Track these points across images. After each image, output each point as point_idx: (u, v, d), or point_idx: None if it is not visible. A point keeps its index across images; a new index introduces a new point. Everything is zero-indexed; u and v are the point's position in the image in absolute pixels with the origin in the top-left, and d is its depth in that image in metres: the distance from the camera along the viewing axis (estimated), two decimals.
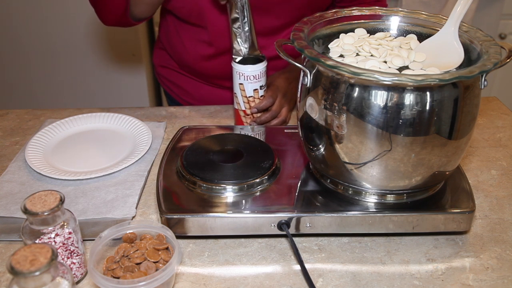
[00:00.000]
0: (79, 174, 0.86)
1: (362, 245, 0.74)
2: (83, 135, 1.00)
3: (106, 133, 1.01)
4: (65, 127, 1.01)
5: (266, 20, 1.06)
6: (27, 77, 2.21)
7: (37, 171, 0.86)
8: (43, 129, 0.99)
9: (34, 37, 2.11)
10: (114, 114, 1.04)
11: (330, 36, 0.78)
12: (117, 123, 1.03)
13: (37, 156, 0.91)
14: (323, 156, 0.72)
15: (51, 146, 0.96)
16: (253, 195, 0.76)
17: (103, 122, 1.03)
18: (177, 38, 1.15)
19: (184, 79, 1.22)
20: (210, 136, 0.89)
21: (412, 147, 0.66)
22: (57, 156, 0.93)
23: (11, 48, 2.14)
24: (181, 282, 0.68)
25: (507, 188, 0.86)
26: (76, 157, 0.93)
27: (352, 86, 0.65)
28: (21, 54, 2.16)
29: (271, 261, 0.71)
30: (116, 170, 0.87)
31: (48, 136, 0.98)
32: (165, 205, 0.73)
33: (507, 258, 0.71)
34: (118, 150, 0.95)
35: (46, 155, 0.93)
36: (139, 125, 1.00)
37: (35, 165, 0.88)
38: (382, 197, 0.73)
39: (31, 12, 2.07)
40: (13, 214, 0.77)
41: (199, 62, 1.14)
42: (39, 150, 0.93)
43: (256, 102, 0.97)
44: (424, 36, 0.77)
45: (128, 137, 0.99)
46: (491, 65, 0.63)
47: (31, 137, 0.97)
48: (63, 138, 0.99)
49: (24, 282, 0.51)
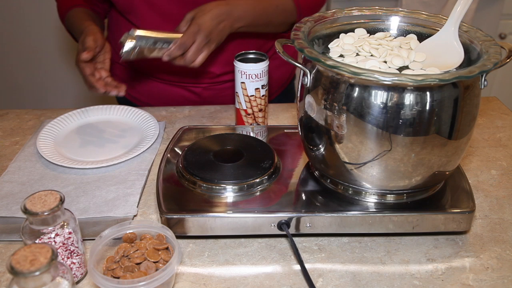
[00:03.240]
0: (86, 164, 0.89)
1: (362, 245, 0.74)
2: (94, 125, 1.03)
3: (115, 124, 1.04)
4: (76, 118, 1.04)
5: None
6: (28, 77, 2.21)
7: (48, 159, 0.89)
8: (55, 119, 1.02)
9: (34, 37, 2.11)
10: (125, 106, 1.07)
11: (330, 36, 0.78)
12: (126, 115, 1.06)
13: (48, 145, 0.95)
14: (323, 156, 0.72)
15: (61, 136, 0.99)
16: (253, 195, 0.76)
17: (114, 114, 1.07)
18: (116, 28, 1.15)
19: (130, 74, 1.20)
20: (210, 136, 0.89)
21: (412, 147, 0.66)
22: (66, 146, 0.96)
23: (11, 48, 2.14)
24: (181, 282, 0.68)
25: (507, 188, 0.86)
26: (85, 147, 0.96)
27: (352, 86, 0.65)
28: (21, 54, 2.16)
29: (271, 261, 0.71)
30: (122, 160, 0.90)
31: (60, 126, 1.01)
32: (165, 205, 0.73)
33: (507, 258, 0.71)
34: (126, 140, 0.98)
35: (56, 144, 0.96)
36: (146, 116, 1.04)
37: (46, 153, 0.91)
38: (382, 197, 0.73)
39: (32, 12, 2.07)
40: (14, 214, 0.77)
41: None
42: (49, 139, 0.97)
43: (257, 101, 0.97)
44: (424, 36, 0.77)
45: (135, 128, 1.02)
46: (491, 65, 0.63)
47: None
48: (74, 128, 1.02)
49: (24, 282, 0.51)
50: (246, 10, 0.98)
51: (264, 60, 0.95)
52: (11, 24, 2.08)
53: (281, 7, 1.03)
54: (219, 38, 0.95)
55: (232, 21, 0.96)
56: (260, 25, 1.02)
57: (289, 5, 1.05)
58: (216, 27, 0.94)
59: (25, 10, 2.06)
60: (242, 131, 0.94)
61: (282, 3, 1.04)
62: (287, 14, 1.05)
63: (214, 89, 1.17)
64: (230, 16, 0.96)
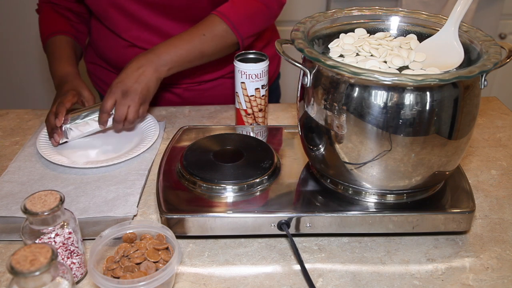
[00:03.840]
0: (86, 163, 0.89)
1: (362, 245, 0.74)
2: None
3: None
4: None
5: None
6: (28, 77, 2.21)
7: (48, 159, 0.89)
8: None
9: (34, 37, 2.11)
10: None
11: (330, 36, 0.78)
12: None
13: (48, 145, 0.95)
14: (323, 156, 0.72)
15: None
16: (253, 195, 0.76)
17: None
18: (96, 30, 1.15)
19: (110, 74, 1.19)
20: (210, 136, 0.89)
21: (412, 147, 0.66)
22: (66, 146, 0.96)
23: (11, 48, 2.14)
24: (181, 282, 0.68)
25: (507, 188, 0.86)
26: (85, 147, 0.96)
27: (352, 86, 0.65)
28: (21, 54, 2.16)
29: (271, 261, 0.71)
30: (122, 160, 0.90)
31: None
32: (165, 205, 0.73)
33: (507, 258, 0.71)
34: (126, 140, 0.98)
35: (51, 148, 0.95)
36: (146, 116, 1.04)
37: (46, 153, 0.91)
38: (382, 197, 0.73)
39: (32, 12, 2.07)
40: (14, 214, 0.77)
41: (115, 53, 1.12)
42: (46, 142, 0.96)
43: (257, 101, 0.97)
44: (424, 36, 0.77)
45: (135, 128, 1.02)
46: (491, 65, 0.63)
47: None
48: None
49: (24, 282, 0.51)
50: (168, 51, 0.95)
51: (264, 60, 0.95)
52: (11, 24, 2.08)
53: (209, 34, 0.97)
54: (141, 86, 0.92)
55: (154, 66, 0.93)
56: (192, 60, 0.98)
57: (220, 28, 0.98)
58: (132, 77, 0.92)
59: (25, 10, 2.06)
60: (242, 131, 0.94)
61: (209, 30, 0.98)
62: (221, 38, 0.99)
63: (194, 89, 1.17)
64: (150, 62, 0.93)
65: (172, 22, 1.06)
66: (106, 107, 0.92)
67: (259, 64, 0.94)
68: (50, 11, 1.14)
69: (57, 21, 1.12)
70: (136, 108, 0.92)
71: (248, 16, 1.01)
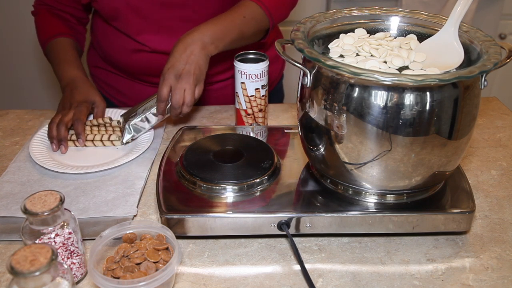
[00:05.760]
0: (81, 168, 0.87)
1: (362, 245, 0.74)
2: None
3: None
4: None
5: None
6: (28, 77, 2.21)
7: (41, 164, 0.88)
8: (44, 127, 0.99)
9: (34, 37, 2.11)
10: (118, 109, 1.06)
11: (330, 36, 0.78)
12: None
13: (41, 151, 0.93)
14: (323, 156, 0.72)
15: None
16: (253, 195, 0.76)
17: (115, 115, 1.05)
18: (102, 33, 1.14)
19: (115, 77, 1.19)
20: (210, 136, 0.89)
21: (412, 147, 0.66)
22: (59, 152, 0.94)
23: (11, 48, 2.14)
24: (181, 282, 0.68)
25: (507, 188, 0.86)
26: (78, 153, 0.94)
27: (352, 86, 0.65)
28: (21, 54, 2.16)
29: (271, 261, 0.71)
30: (118, 164, 0.89)
31: None
32: (165, 205, 0.73)
33: (507, 258, 0.71)
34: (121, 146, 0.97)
35: (50, 150, 0.94)
36: None
37: (39, 159, 0.89)
38: (382, 197, 0.73)
39: None
40: (14, 214, 0.77)
41: (124, 56, 1.12)
42: (43, 146, 0.95)
43: (257, 101, 0.97)
44: (424, 36, 0.77)
45: None
46: (491, 65, 0.63)
47: (32, 136, 0.97)
48: None
49: (24, 282, 0.51)
50: (212, 28, 0.95)
51: (264, 60, 0.95)
52: (11, 24, 2.08)
53: (248, 16, 0.99)
54: (193, 67, 0.91)
55: (200, 43, 0.92)
56: (234, 40, 0.98)
57: (257, 12, 1.00)
58: (182, 59, 0.91)
59: (25, 10, 2.06)
60: (242, 131, 0.94)
61: (249, 12, 0.99)
62: (257, 21, 1.01)
63: None
64: (196, 40, 0.92)
65: (187, 24, 1.05)
66: (162, 95, 0.91)
67: (259, 64, 0.94)
68: (47, 13, 1.14)
69: (56, 23, 1.12)
70: (192, 90, 0.91)
71: (279, 3, 1.04)
